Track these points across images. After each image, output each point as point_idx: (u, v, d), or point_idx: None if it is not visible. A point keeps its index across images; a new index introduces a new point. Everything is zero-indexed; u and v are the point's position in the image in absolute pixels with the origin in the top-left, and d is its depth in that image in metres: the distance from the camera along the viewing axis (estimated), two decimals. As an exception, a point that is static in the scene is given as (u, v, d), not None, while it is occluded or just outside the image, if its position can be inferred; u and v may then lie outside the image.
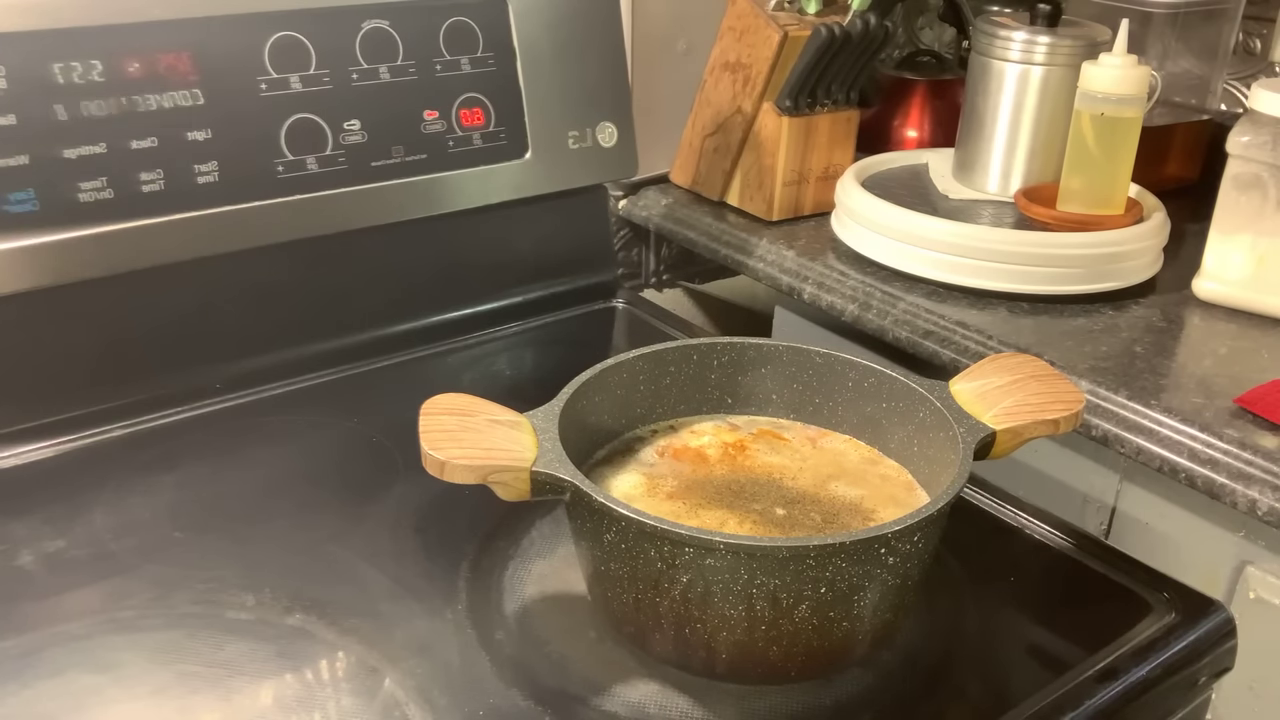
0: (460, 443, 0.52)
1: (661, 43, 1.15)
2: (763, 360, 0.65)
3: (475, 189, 0.85)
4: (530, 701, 0.52)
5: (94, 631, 0.56)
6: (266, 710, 0.51)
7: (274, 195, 0.76)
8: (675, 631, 0.51)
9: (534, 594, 0.59)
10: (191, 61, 0.72)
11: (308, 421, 0.76)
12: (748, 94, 1.03)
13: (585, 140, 0.90)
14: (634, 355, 0.63)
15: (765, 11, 1.02)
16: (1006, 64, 0.99)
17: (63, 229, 0.69)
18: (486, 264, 0.89)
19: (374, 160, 0.80)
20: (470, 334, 0.88)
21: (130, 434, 0.73)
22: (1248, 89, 0.91)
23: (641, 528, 0.48)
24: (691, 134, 1.10)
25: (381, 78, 0.80)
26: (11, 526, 0.63)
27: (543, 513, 0.64)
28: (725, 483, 0.59)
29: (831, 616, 0.50)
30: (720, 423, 0.65)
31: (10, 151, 0.67)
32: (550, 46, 0.87)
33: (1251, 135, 0.86)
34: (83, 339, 0.72)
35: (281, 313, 0.80)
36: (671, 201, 1.11)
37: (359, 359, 0.83)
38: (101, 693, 0.52)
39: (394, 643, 0.55)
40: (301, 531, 0.64)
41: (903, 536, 0.49)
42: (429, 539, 0.64)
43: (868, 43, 0.99)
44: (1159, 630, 0.58)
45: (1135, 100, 0.91)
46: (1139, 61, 0.91)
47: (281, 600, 0.58)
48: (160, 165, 0.72)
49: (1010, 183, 1.02)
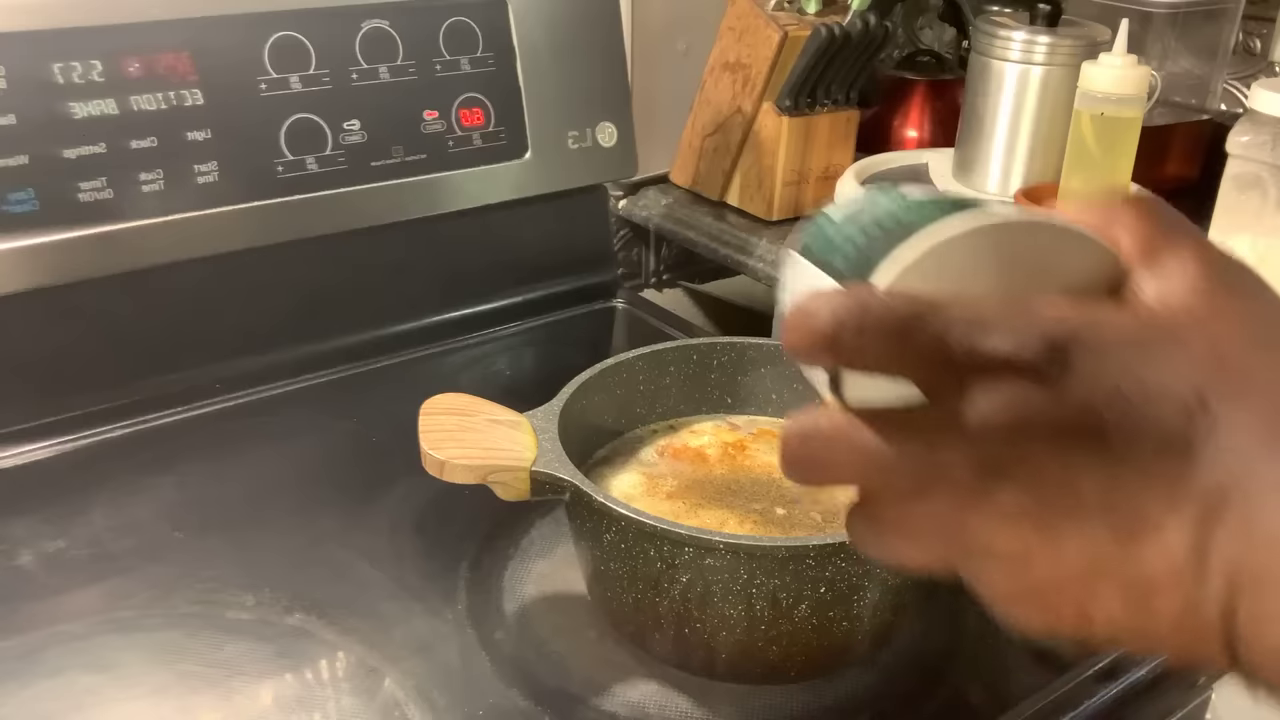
0: (460, 443, 0.52)
1: (661, 43, 1.15)
2: (763, 360, 0.65)
3: (475, 189, 0.85)
4: (530, 701, 0.52)
5: (94, 631, 0.56)
6: (266, 710, 0.51)
7: (274, 195, 0.76)
8: (675, 631, 0.51)
9: (534, 594, 0.59)
10: (191, 61, 0.72)
11: (308, 421, 0.76)
12: (747, 94, 1.03)
13: (585, 140, 0.90)
14: (634, 355, 0.63)
15: (765, 11, 1.02)
16: (1006, 64, 0.98)
17: (63, 229, 0.69)
18: (486, 264, 0.89)
19: (374, 160, 0.80)
20: (470, 334, 0.88)
21: (130, 434, 0.73)
22: (1248, 89, 0.91)
23: (641, 527, 0.48)
24: (691, 134, 1.10)
25: (381, 78, 0.80)
26: (11, 526, 0.63)
27: (543, 513, 0.64)
28: (725, 482, 0.59)
29: (831, 616, 0.50)
30: (720, 422, 0.65)
31: (10, 151, 0.67)
32: (550, 46, 0.87)
33: (1251, 135, 0.86)
34: (83, 339, 0.72)
35: (281, 313, 0.80)
36: (671, 201, 1.11)
37: (359, 359, 0.82)
38: (101, 692, 0.52)
39: (394, 643, 0.55)
40: (301, 531, 0.64)
41: (902, 536, 0.49)
42: (429, 539, 0.64)
43: (868, 43, 0.99)
44: (1159, 630, 0.58)
45: (1135, 100, 0.91)
46: (1139, 61, 0.91)
47: (281, 600, 0.58)
48: (160, 165, 0.72)
49: (1010, 182, 1.02)
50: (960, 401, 0.28)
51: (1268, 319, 0.29)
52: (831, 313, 0.29)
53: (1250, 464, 0.26)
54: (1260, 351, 0.28)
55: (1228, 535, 0.26)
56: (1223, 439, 0.26)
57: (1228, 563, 0.26)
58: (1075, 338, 0.27)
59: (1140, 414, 0.27)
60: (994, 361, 0.27)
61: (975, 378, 0.28)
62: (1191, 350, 0.27)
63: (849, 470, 0.31)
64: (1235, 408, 0.27)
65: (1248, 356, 0.27)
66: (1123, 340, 0.28)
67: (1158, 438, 0.27)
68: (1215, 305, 0.28)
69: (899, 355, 0.29)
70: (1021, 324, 0.28)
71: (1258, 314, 0.29)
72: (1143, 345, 0.28)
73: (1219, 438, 0.26)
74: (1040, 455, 0.28)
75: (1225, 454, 0.26)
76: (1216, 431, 0.26)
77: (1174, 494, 0.27)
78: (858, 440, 0.30)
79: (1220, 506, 0.26)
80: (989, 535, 0.29)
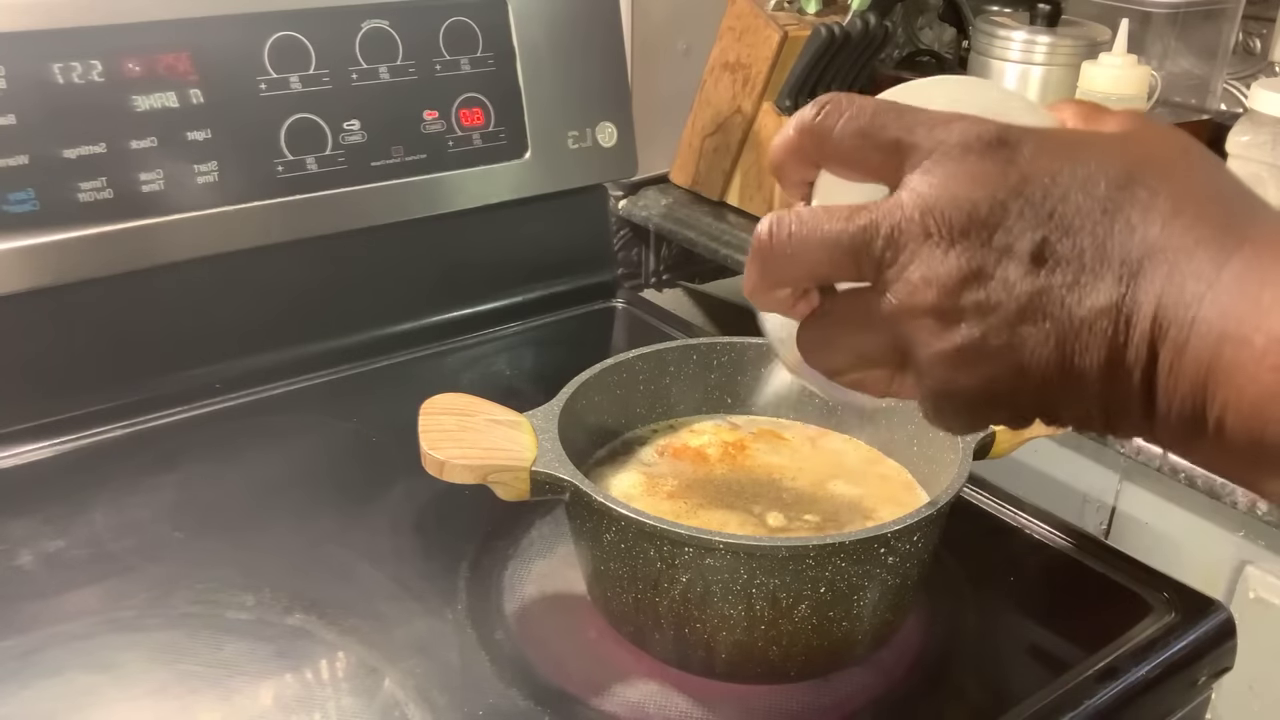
0: (460, 442, 0.52)
1: (661, 43, 1.15)
2: (763, 360, 0.65)
3: (475, 189, 0.85)
4: (530, 701, 0.52)
5: (94, 631, 0.56)
6: (266, 710, 0.51)
7: (274, 195, 0.76)
8: (675, 631, 0.51)
9: (534, 594, 0.59)
10: (191, 61, 0.72)
11: (308, 421, 0.76)
12: (747, 94, 1.03)
13: (585, 140, 0.90)
14: (634, 355, 0.63)
15: (765, 11, 1.02)
16: (1006, 64, 0.99)
17: (63, 229, 0.69)
18: (486, 264, 0.89)
19: (374, 160, 0.80)
20: (470, 334, 0.88)
21: (130, 434, 0.73)
22: (1248, 89, 0.91)
23: (641, 527, 0.48)
24: (691, 134, 1.10)
25: (381, 78, 0.80)
26: (11, 526, 0.63)
27: (543, 513, 0.64)
28: (725, 482, 0.59)
29: (831, 616, 0.50)
30: (720, 422, 0.65)
31: (10, 151, 0.67)
32: (550, 46, 0.87)
33: (1251, 135, 0.86)
34: (83, 339, 0.72)
35: (281, 313, 0.80)
36: (671, 201, 1.11)
37: (359, 359, 0.82)
38: (101, 692, 0.52)
39: (394, 643, 0.55)
40: (301, 531, 0.64)
41: (902, 536, 0.49)
42: (429, 539, 0.64)
43: (868, 43, 0.99)
44: (1159, 630, 0.58)
45: (1135, 100, 0.91)
46: (1139, 61, 0.91)
47: (281, 600, 0.58)
48: (160, 165, 0.72)
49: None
50: (916, 179, 0.33)
51: (1182, 140, 0.34)
52: (815, 104, 0.35)
53: (1166, 232, 0.31)
54: (1176, 156, 0.33)
55: (1147, 292, 0.30)
56: (1145, 212, 0.31)
57: (1146, 318, 0.30)
58: (1026, 132, 0.33)
59: (1078, 181, 0.31)
60: (952, 144, 0.32)
61: (933, 159, 0.32)
62: (1123, 147, 0.32)
63: (816, 251, 0.34)
64: (1156, 190, 0.31)
65: (1167, 156, 0.32)
66: (1064, 140, 0.33)
67: (1092, 202, 0.31)
68: (1144, 128, 0.34)
69: (871, 143, 0.34)
70: (980, 123, 0.33)
71: (1174, 136, 0.34)
72: (1080, 143, 0.33)
73: (1144, 204, 0.31)
74: (987, 212, 0.32)
75: (1147, 224, 0.31)
76: (1141, 200, 0.31)
77: (1106, 248, 0.31)
78: (828, 218, 0.34)
79: (1143, 267, 0.30)
80: (937, 295, 0.32)
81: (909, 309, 0.33)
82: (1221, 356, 0.29)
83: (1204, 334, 0.29)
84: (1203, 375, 0.30)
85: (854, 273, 0.34)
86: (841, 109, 0.34)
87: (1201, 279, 0.30)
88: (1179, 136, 0.34)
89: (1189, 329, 0.30)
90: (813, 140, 0.35)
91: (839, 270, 0.34)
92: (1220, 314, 0.29)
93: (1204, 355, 0.29)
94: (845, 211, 0.33)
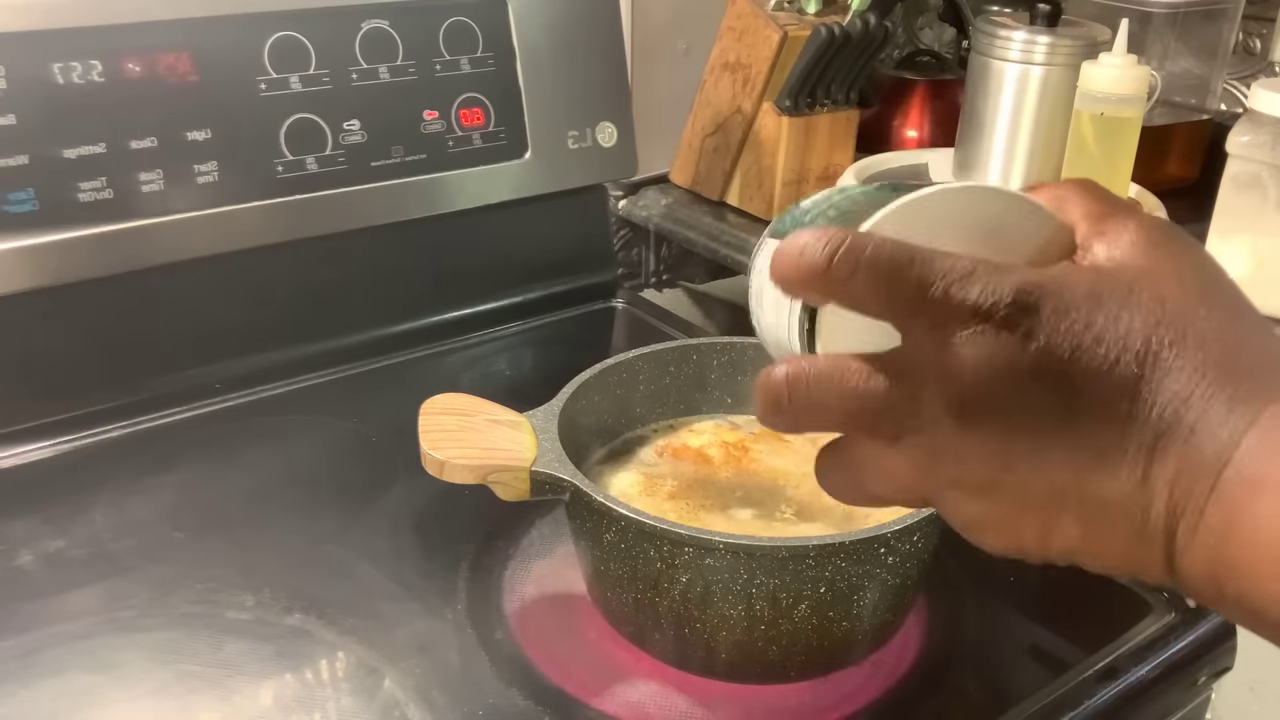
0: (460, 443, 0.52)
1: (661, 43, 1.15)
2: (762, 360, 0.64)
3: (475, 189, 0.85)
4: (530, 701, 0.52)
5: (94, 631, 0.56)
6: (266, 710, 0.51)
7: (274, 195, 0.76)
8: (675, 631, 0.51)
9: (534, 594, 0.59)
10: (191, 61, 0.72)
11: (307, 421, 0.76)
12: (747, 94, 1.03)
13: (585, 140, 0.90)
14: (634, 355, 0.63)
15: (765, 11, 1.02)
16: (1006, 64, 0.98)
17: (63, 229, 0.69)
18: (486, 264, 0.89)
19: (374, 160, 0.80)
20: (470, 334, 0.88)
21: (130, 434, 0.73)
22: (1248, 89, 0.91)
23: (641, 527, 0.48)
24: (691, 134, 1.10)
25: (381, 78, 0.80)
26: (11, 526, 0.63)
27: (543, 513, 0.64)
28: (726, 483, 0.59)
29: (831, 616, 0.50)
30: (720, 422, 0.65)
31: (10, 151, 0.67)
32: (550, 46, 0.87)
33: (1251, 135, 0.86)
34: (83, 339, 0.72)
35: (281, 313, 0.80)
36: (671, 201, 1.11)
37: (359, 359, 0.82)
38: (101, 692, 0.52)
39: (394, 643, 0.55)
40: (301, 531, 0.64)
41: (903, 536, 0.49)
42: (429, 539, 0.64)
43: (868, 43, 0.99)
44: (1159, 630, 0.58)
45: (1135, 100, 0.91)
46: (1139, 61, 0.91)
47: (281, 600, 0.58)
48: (160, 165, 0.72)
49: (1010, 182, 1.02)
50: (934, 346, 0.31)
51: (1198, 271, 0.33)
52: (827, 246, 0.31)
53: (1187, 402, 0.30)
54: (1194, 304, 0.32)
55: (1168, 466, 0.30)
56: (1166, 381, 0.30)
57: (1168, 489, 0.30)
58: (1044, 290, 0.31)
59: (1098, 360, 0.30)
60: (969, 309, 0.31)
61: (951, 324, 0.31)
62: (1140, 302, 0.31)
63: (836, 413, 0.33)
64: (1175, 353, 0.30)
65: (1184, 307, 0.31)
66: (1082, 295, 0.31)
67: (1112, 381, 0.30)
68: (1156, 260, 0.33)
69: (885, 295, 0.32)
70: (997, 276, 0.31)
71: (1189, 267, 0.33)
72: (1099, 298, 0.31)
73: (1162, 379, 0.30)
74: (1008, 396, 0.31)
75: (1167, 394, 0.30)
76: (1160, 374, 0.30)
77: (1125, 431, 0.30)
78: (846, 381, 0.32)
79: (1164, 440, 0.30)
80: (959, 470, 0.32)
81: (932, 479, 0.33)
82: (1227, 552, 0.30)
83: (1213, 527, 0.30)
84: (1213, 569, 0.30)
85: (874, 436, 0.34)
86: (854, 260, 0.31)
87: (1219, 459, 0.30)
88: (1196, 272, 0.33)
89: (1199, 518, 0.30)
90: (822, 286, 0.32)
91: (858, 429, 0.34)
92: (1225, 517, 0.30)
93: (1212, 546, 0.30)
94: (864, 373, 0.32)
